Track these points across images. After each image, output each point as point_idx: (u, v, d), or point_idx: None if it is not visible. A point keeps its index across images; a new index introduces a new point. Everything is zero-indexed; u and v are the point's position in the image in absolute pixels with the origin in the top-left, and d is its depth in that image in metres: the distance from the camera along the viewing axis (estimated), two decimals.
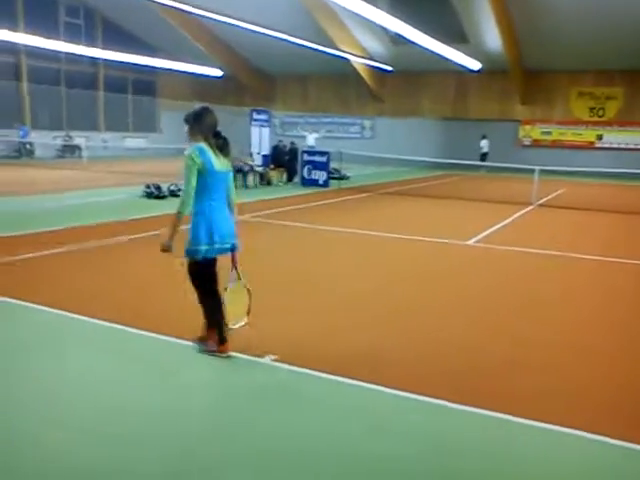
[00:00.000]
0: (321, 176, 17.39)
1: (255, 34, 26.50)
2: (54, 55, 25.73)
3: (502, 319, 5.67)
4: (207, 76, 32.13)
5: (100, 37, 29.05)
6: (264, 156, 18.31)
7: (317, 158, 17.37)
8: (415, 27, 19.04)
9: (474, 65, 26.88)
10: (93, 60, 28.22)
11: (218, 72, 32.20)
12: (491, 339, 5.04)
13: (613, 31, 23.09)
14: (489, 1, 22.00)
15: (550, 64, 27.25)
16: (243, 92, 34.44)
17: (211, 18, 18.31)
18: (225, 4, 18.68)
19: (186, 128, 4.22)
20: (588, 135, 28.24)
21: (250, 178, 17.00)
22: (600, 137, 28.00)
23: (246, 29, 19.47)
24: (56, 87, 27.80)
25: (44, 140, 26.71)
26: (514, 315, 5.78)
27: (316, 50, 24.28)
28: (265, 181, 17.55)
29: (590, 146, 28.12)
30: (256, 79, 34.41)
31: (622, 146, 27.42)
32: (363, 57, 28.31)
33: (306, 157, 17.53)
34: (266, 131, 18.64)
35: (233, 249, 4.30)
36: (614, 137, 27.74)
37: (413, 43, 22.08)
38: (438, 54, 23.95)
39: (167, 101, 32.98)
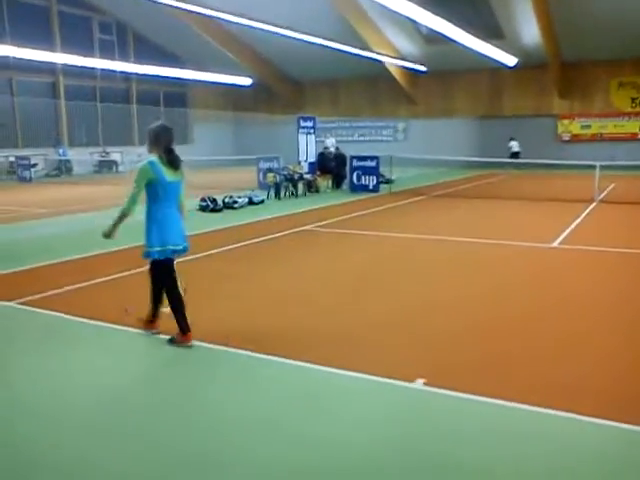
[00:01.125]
0: (371, 181, 17.11)
1: (284, 39, 26.44)
2: (90, 72, 25.89)
3: None
4: (237, 85, 32.11)
5: (132, 52, 29.17)
6: (311, 163, 18.10)
7: (367, 163, 17.09)
8: (450, 23, 18.61)
9: (510, 61, 26.40)
10: (126, 75, 28.33)
11: (248, 80, 32.15)
12: None
13: None
14: None
15: (588, 55, 26.69)
16: (273, 100, 34.37)
17: (243, 24, 18.03)
18: (253, 9, 18.41)
19: (146, 143, 4.78)
20: (630, 126, 27.60)
21: (299, 186, 16.80)
22: None
23: (278, 34, 19.20)
24: (92, 104, 27.94)
25: (82, 157, 26.86)
26: None
27: (348, 53, 23.99)
28: (314, 189, 17.31)
29: (633, 137, 27.46)
30: (285, 86, 34.30)
31: None
32: (396, 58, 28.01)
33: (355, 162, 17.26)
34: (312, 138, 18.42)
35: (185, 250, 4.88)
36: None
37: (448, 39, 21.62)
38: (473, 50, 23.50)
39: (199, 112, 33.02)
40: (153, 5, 25.36)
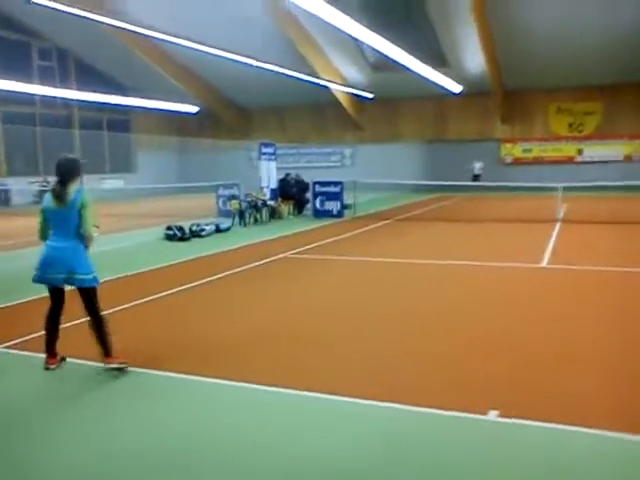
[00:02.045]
0: (335, 206, 16.98)
1: (231, 66, 26.20)
2: (29, 99, 24.79)
3: None
4: (182, 112, 31.59)
5: (73, 78, 28.18)
6: (272, 190, 17.81)
7: (331, 189, 16.97)
8: (397, 48, 18.86)
9: (455, 88, 27.17)
10: (67, 102, 27.29)
11: (194, 108, 31.69)
12: None
13: (587, 48, 23.73)
14: (475, 25, 22.27)
15: (528, 82, 27.82)
16: (219, 127, 34.01)
17: (184, 46, 17.42)
18: (203, 34, 18.04)
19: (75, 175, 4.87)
20: (568, 150, 28.81)
21: (263, 213, 16.46)
22: (580, 151, 28.59)
23: (224, 58, 18.76)
24: (31, 131, 26.71)
25: (20, 186, 25.55)
26: None
27: (296, 79, 23.91)
28: (277, 215, 17.00)
29: (571, 161, 28.66)
30: (231, 113, 34.04)
31: (603, 159, 28.01)
32: (343, 85, 28.28)
33: (318, 188, 17.10)
34: (273, 164, 18.16)
35: (71, 283, 4.76)
36: (593, 151, 28.35)
37: (396, 65, 21.98)
38: (419, 77, 24.01)
39: (143, 140, 32.19)
40: (95, 31, 24.83)
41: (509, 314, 6.46)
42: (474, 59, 25.90)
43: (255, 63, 19.48)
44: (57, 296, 4.91)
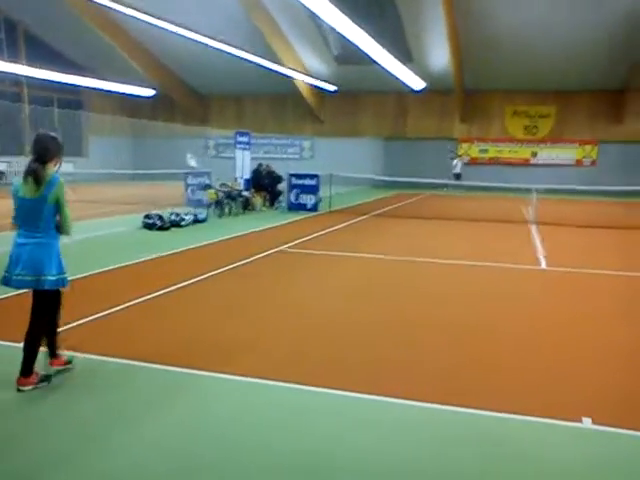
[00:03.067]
0: (309, 200, 16.75)
1: (191, 49, 25.43)
2: None
3: None
4: (137, 96, 30.51)
5: (23, 53, 26.64)
6: (246, 180, 17.39)
7: (307, 182, 16.71)
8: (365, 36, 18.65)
9: (418, 84, 27.36)
10: (16, 78, 25.77)
11: (150, 92, 30.65)
12: None
13: (546, 54, 24.44)
14: (443, 22, 22.45)
15: (487, 84, 28.34)
16: (174, 111, 33.06)
17: (148, 22, 16.28)
18: (169, 15, 17.29)
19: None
20: (523, 152, 29.59)
21: (236, 204, 16.05)
22: (535, 154, 29.43)
23: (183, 37, 17.91)
24: None
25: None
26: None
27: (258, 65, 23.22)
28: (251, 206, 16.62)
29: (526, 163, 29.45)
30: (189, 99, 33.17)
31: (556, 162, 28.94)
32: (309, 75, 27.98)
33: (294, 181, 16.80)
34: (247, 154, 17.72)
35: (40, 286, 4.10)
36: (547, 154, 29.24)
37: (361, 58, 21.71)
38: (386, 71, 23.94)
39: (95, 125, 30.86)
40: (48, 1, 23.54)
41: (558, 315, 6.45)
42: (439, 56, 26.18)
43: (216, 44, 18.49)
44: (36, 299, 4.25)
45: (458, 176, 27.17)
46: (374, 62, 24.61)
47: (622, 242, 12.39)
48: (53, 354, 4.47)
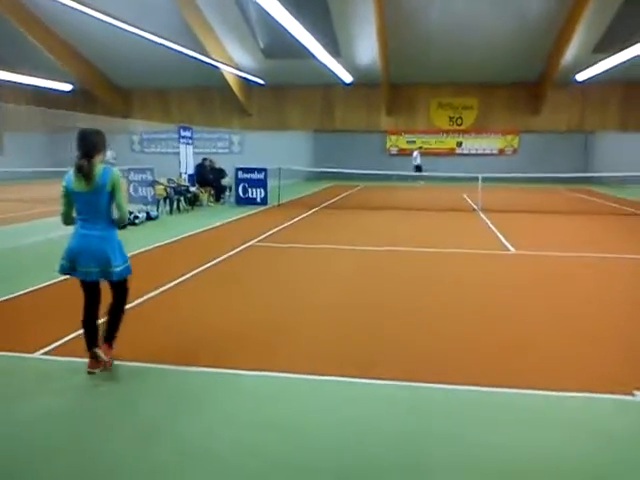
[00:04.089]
0: (259, 194, 16.55)
1: (112, 41, 24.43)
2: None
3: None
4: (55, 90, 29.01)
5: None
6: (190, 175, 16.92)
7: (255, 175, 16.48)
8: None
9: (346, 78, 27.64)
10: None
11: (67, 87, 29.24)
12: None
13: (468, 48, 25.35)
14: (374, 18, 22.74)
15: (413, 77, 29.02)
16: (96, 106, 31.55)
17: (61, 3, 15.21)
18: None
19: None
20: (449, 142, 30.56)
21: (183, 200, 15.61)
22: (460, 144, 30.48)
23: (107, 24, 16.75)
24: None
25: None
26: None
27: (183, 55, 22.34)
28: (199, 202, 16.20)
29: (451, 152, 30.45)
30: (111, 93, 31.89)
31: (479, 152, 30.12)
32: (236, 68, 27.56)
33: (241, 175, 16.52)
34: (190, 149, 17.23)
35: (107, 277, 4.23)
36: (472, 144, 30.38)
37: (289, 51, 21.45)
38: (315, 63, 23.99)
39: (11, 122, 28.97)
40: None
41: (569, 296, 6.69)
42: (367, 50, 26.49)
43: (137, 31, 17.54)
44: (92, 290, 4.34)
45: (418, 168, 27.39)
46: (302, 56, 24.71)
47: (568, 226, 13.08)
48: (109, 339, 4.42)
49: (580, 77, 25.75)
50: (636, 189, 22.82)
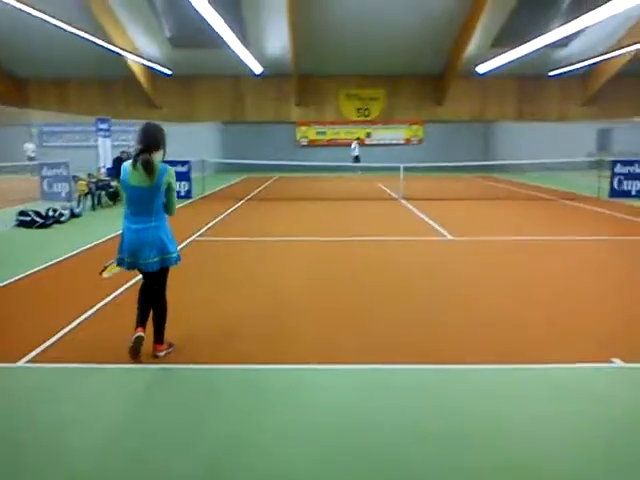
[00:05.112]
0: (183, 187, 16.21)
1: (7, 23, 22.77)
2: None
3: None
4: None
5: None
6: (108, 169, 16.25)
7: (177, 169, 16.07)
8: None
9: (257, 68, 27.47)
10: None
11: None
12: None
13: (375, 40, 26.13)
14: (285, 9, 22.78)
15: (321, 68, 29.37)
16: None
17: None
18: None
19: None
20: (359, 133, 31.23)
21: (105, 195, 15.01)
22: (369, 134, 31.23)
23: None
24: None
25: None
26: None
27: (88, 41, 21.20)
28: (119, 197, 15.59)
29: (361, 143, 31.12)
30: (5, 82, 29.78)
31: (387, 142, 31.04)
32: (141, 57, 26.62)
33: None
34: (108, 142, 16.54)
35: (166, 265, 4.43)
36: (380, 134, 31.22)
37: (196, 40, 20.74)
38: (227, 53, 23.62)
39: None
40: None
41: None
42: (277, 41, 26.51)
43: (31, 10, 16.28)
44: (152, 278, 4.51)
45: (357, 158, 27.60)
46: (211, 45, 24.31)
47: (491, 212, 13.86)
48: (159, 339, 4.58)
49: (480, 69, 27.15)
50: (532, 175, 24.50)
